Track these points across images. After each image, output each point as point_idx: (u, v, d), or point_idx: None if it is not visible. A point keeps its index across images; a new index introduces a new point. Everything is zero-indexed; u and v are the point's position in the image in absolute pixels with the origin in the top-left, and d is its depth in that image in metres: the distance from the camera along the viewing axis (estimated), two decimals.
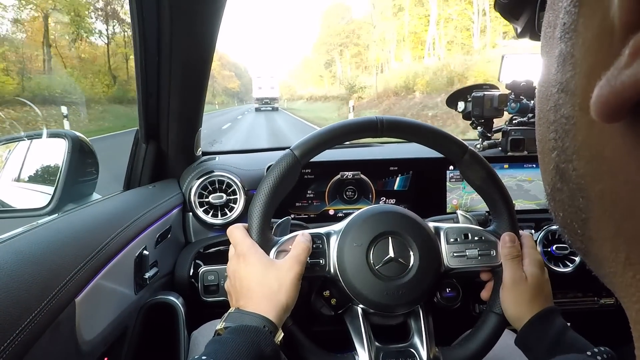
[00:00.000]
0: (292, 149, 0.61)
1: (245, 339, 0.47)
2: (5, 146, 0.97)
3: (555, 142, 0.19)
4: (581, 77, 0.17)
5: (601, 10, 0.15)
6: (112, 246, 0.65)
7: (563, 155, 0.19)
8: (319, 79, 71.45)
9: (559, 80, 0.18)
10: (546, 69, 0.20)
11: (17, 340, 0.42)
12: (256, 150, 1.39)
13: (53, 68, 22.49)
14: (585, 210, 0.18)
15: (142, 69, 0.87)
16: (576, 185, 0.18)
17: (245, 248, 0.57)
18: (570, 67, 0.17)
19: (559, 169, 0.20)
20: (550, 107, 0.19)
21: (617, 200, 0.16)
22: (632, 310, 0.16)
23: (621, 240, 0.17)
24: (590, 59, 0.16)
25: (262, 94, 36.92)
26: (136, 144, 1.02)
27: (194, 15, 0.81)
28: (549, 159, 0.20)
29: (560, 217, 0.21)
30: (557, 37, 0.18)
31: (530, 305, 0.58)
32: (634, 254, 0.16)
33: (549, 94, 0.20)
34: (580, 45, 0.17)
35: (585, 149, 0.17)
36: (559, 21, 0.18)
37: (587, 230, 0.19)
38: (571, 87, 0.17)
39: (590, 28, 0.16)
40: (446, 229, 0.65)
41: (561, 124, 0.19)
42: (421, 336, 0.62)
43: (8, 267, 0.47)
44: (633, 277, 0.16)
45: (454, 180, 1.13)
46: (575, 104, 0.17)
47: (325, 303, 0.65)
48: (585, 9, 0.17)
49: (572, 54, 0.17)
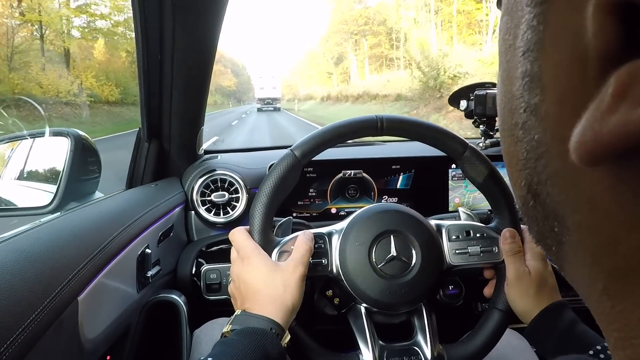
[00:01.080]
0: (292, 149, 0.61)
1: (251, 341, 0.47)
2: (8, 144, 0.97)
3: (526, 162, 0.18)
4: (551, 104, 0.15)
5: (572, 32, 0.13)
6: (114, 245, 0.65)
7: (536, 178, 0.17)
8: (326, 76, 63.10)
9: (525, 101, 0.17)
10: (508, 81, 0.18)
11: (20, 338, 0.42)
12: (258, 148, 1.39)
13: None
14: (560, 234, 0.17)
15: (145, 67, 0.87)
16: (551, 210, 0.17)
17: (248, 251, 0.57)
18: (537, 91, 0.16)
19: (531, 187, 0.18)
20: (517, 123, 0.18)
21: (596, 234, 0.15)
22: (612, 337, 0.16)
23: (598, 270, 0.16)
24: (562, 86, 0.14)
25: (264, 94, 37.72)
26: (138, 143, 1.02)
27: (196, 14, 0.81)
28: (519, 174, 0.19)
29: (535, 231, 0.19)
30: (520, 52, 0.16)
31: (536, 299, 0.59)
32: (612, 287, 0.15)
33: (513, 108, 0.18)
34: (549, 68, 0.15)
35: (560, 179, 0.16)
36: (520, 32, 0.16)
37: (561, 251, 0.18)
38: (541, 113, 0.16)
39: (559, 51, 0.14)
40: (448, 227, 0.65)
41: (532, 147, 0.17)
42: (425, 334, 0.62)
43: (11, 265, 0.47)
44: (612, 307, 0.15)
45: (456, 178, 1.12)
46: (547, 130, 0.16)
47: (329, 302, 0.65)
48: (551, 28, 0.15)
49: (539, 77, 0.16)
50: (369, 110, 24.92)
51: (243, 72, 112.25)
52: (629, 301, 0.14)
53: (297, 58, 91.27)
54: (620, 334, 0.15)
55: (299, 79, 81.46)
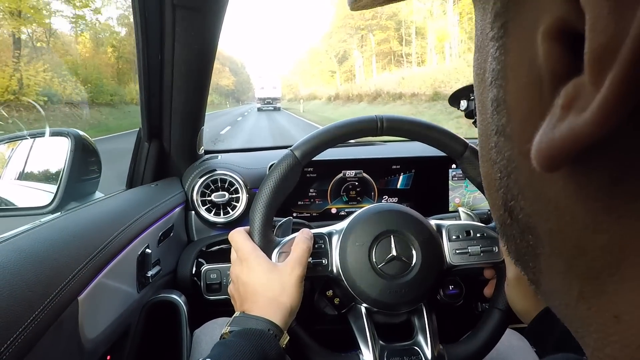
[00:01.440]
0: (292, 150, 0.61)
1: (249, 342, 0.47)
2: (8, 145, 0.97)
3: (500, 181, 0.19)
4: (516, 123, 0.17)
5: (527, 59, 0.15)
6: (114, 244, 0.65)
7: (509, 194, 0.19)
8: (329, 75, 60.47)
9: (495, 124, 0.18)
10: (483, 110, 0.20)
11: (20, 338, 0.42)
12: (258, 148, 1.39)
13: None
14: (535, 247, 0.18)
15: (145, 67, 0.87)
16: (525, 223, 0.18)
17: (247, 252, 0.57)
18: (504, 113, 0.17)
19: (506, 205, 0.19)
20: (492, 146, 0.19)
21: (566, 239, 0.16)
22: (590, 339, 0.16)
23: (573, 275, 0.16)
24: (523, 107, 0.16)
25: (265, 94, 38.30)
26: (139, 143, 1.02)
27: (197, 13, 0.81)
28: (497, 195, 0.20)
29: (513, 251, 0.21)
30: (488, 82, 0.18)
31: (536, 299, 0.59)
32: (587, 289, 0.16)
33: (488, 134, 0.19)
34: (511, 92, 0.17)
35: (529, 191, 0.17)
36: (487, 66, 0.18)
37: (538, 264, 0.19)
38: (508, 132, 0.17)
39: (518, 76, 0.16)
40: (448, 227, 0.65)
41: (504, 165, 0.18)
42: (425, 334, 0.62)
43: (11, 265, 0.47)
44: (588, 309, 0.16)
45: (456, 178, 1.12)
46: (514, 147, 0.17)
47: (329, 303, 0.65)
48: (511, 57, 0.16)
49: (504, 100, 0.17)
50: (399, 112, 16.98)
51: (242, 71, 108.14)
52: (603, 300, 0.15)
53: (298, 56, 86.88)
54: (598, 335, 0.16)
55: (300, 78, 78.26)
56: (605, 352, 0.15)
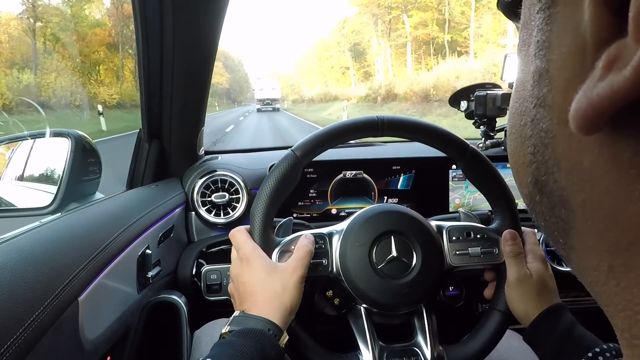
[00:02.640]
0: (293, 150, 0.61)
1: (249, 342, 0.47)
2: (9, 145, 0.97)
3: (533, 156, 0.20)
4: (557, 92, 0.17)
5: (573, 26, 0.16)
6: (114, 245, 0.65)
7: (543, 168, 0.19)
8: (339, 72, 51.28)
9: (535, 96, 0.19)
10: (521, 86, 0.20)
11: (21, 339, 0.42)
12: (259, 149, 1.39)
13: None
14: (567, 221, 0.19)
15: (145, 68, 0.88)
16: (558, 197, 0.19)
17: (247, 251, 0.57)
18: (546, 83, 0.18)
19: (537, 182, 0.20)
20: (526, 122, 0.20)
21: (599, 210, 0.16)
22: (618, 318, 0.17)
23: (603, 249, 0.17)
24: (565, 74, 0.17)
25: (264, 95, 38.50)
26: (139, 144, 1.02)
27: (197, 14, 0.81)
28: (525, 172, 0.21)
29: (542, 227, 0.21)
30: (532, 54, 0.19)
31: (536, 301, 0.59)
32: (617, 263, 0.16)
33: (523, 110, 0.20)
34: (555, 61, 0.17)
35: (566, 161, 0.18)
36: (532, 39, 0.19)
37: (568, 240, 0.19)
38: (548, 102, 0.18)
39: (563, 44, 0.17)
40: (448, 227, 0.65)
41: (540, 138, 0.19)
42: (425, 335, 0.62)
43: (11, 266, 0.47)
44: (617, 285, 0.16)
45: (456, 179, 1.12)
46: (554, 117, 0.18)
47: (329, 303, 0.65)
48: (557, 26, 0.17)
49: (547, 70, 0.18)
50: None
51: (239, 69, 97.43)
52: (632, 275, 0.15)
53: (302, 51, 77.41)
54: (626, 313, 0.16)
55: (304, 76, 69.89)
56: (632, 333, 0.16)
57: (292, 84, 75.47)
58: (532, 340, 0.59)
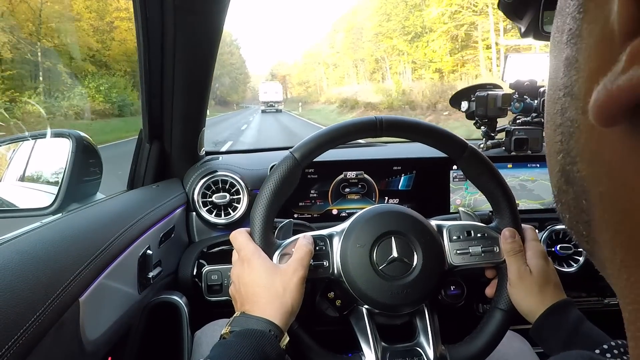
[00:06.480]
0: (292, 152, 0.61)
1: (250, 343, 0.47)
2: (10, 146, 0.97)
3: (561, 145, 0.20)
4: (584, 81, 0.17)
5: (603, 17, 0.16)
6: (115, 246, 0.65)
7: (568, 158, 0.19)
8: (338, 77, 51.25)
9: (565, 84, 0.19)
10: (554, 73, 0.20)
11: (21, 339, 0.42)
12: (259, 149, 1.40)
13: None
14: (588, 213, 0.19)
15: (146, 69, 0.88)
16: (580, 187, 0.19)
17: (248, 253, 0.57)
18: (574, 72, 0.18)
19: (564, 171, 0.20)
20: (557, 110, 0.20)
21: (615, 203, 0.16)
22: (626, 311, 0.17)
23: (618, 242, 0.17)
24: (592, 63, 0.17)
25: (268, 98, 44.18)
26: (140, 144, 1.02)
27: (197, 14, 0.81)
28: (555, 161, 0.21)
29: (567, 219, 0.21)
30: (564, 42, 0.19)
31: (540, 297, 0.59)
32: (628, 257, 0.16)
33: (556, 98, 0.20)
34: (584, 50, 0.17)
35: (587, 152, 0.18)
36: (565, 27, 0.19)
37: (591, 232, 0.19)
38: (575, 91, 0.18)
39: (592, 34, 0.17)
40: (449, 227, 0.65)
41: (566, 127, 0.19)
42: (427, 335, 0.62)
43: (12, 266, 0.47)
44: (627, 279, 0.16)
45: (457, 180, 1.12)
46: (579, 107, 0.18)
47: (330, 304, 0.65)
48: (588, 15, 0.17)
49: (576, 59, 0.18)
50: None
51: (240, 64, 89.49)
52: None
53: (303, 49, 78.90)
54: (633, 306, 0.16)
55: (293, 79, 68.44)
56: (637, 326, 0.16)
57: (301, 81, 73.66)
58: (538, 336, 0.59)
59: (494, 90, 1.16)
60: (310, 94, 66.58)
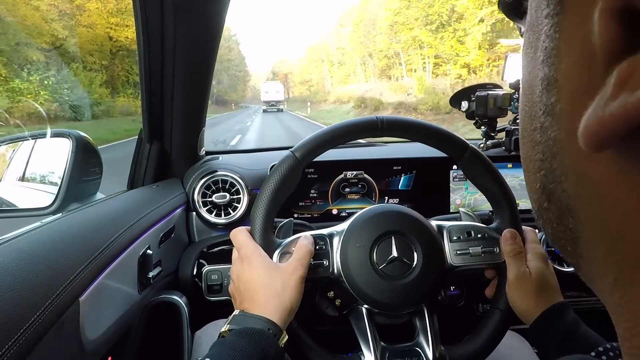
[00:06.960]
0: (292, 151, 0.61)
1: (248, 342, 0.47)
2: (10, 146, 0.97)
3: (542, 163, 0.19)
4: (566, 102, 0.17)
5: (582, 37, 0.15)
6: (115, 245, 0.65)
7: (551, 176, 0.19)
8: (343, 75, 48.99)
9: (544, 103, 0.18)
10: (529, 90, 0.20)
11: (22, 339, 0.42)
12: (259, 149, 1.40)
13: None
14: (575, 231, 0.18)
15: (146, 68, 0.88)
16: (566, 206, 0.18)
17: (248, 251, 0.57)
18: (554, 92, 0.17)
19: (545, 188, 0.19)
20: (536, 127, 0.19)
21: (606, 223, 0.16)
22: (620, 328, 0.17)
23: (610, 261, 0.17)
24: (574, 84, 0.16)
25: (269, 98, 45.38)
26: (140, 144, 1.02)
27: (197, 14, 0.81)
28: (535, 178, 0.20)
29: (550, 234, 0.21)
30: (540, 61, 0.18)
31: (538, 299, 0.59)
32: (622, 276, 0.16)
33: (533, 114, 0.19)
34: (563, 70, 0.17)
35: (574, 172, 0.17)
36: (540, 44, 0.18)
37: (577, 248, 0.19)
38: (557, 111, 0.17)
39: (572, 54, 0.16)
40: (449, 227, 0.65)
41: (548, 146, 0.18)
42: (426, 335, 0.62)
43: (12, 266, 0.47)
44: (621, 297, 0.16)
45: (457, 180, 1.12)
46: (562, 127, 0.17)
47: (330, 304, 0.65)
48: (565, 34, 0.16)
49: (555, 79, 0.17)
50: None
51: (240, 62, 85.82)
52: (636, 289, 0.15)
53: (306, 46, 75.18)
54: (628, 324, 0.16)
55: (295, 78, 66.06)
56: (632, 343, 0.16)
57: (303, 80, 72.03)
58: (535, 338, 0.59)
59: (494, 90, 1.16)
60: (314, 93, 63.74)
